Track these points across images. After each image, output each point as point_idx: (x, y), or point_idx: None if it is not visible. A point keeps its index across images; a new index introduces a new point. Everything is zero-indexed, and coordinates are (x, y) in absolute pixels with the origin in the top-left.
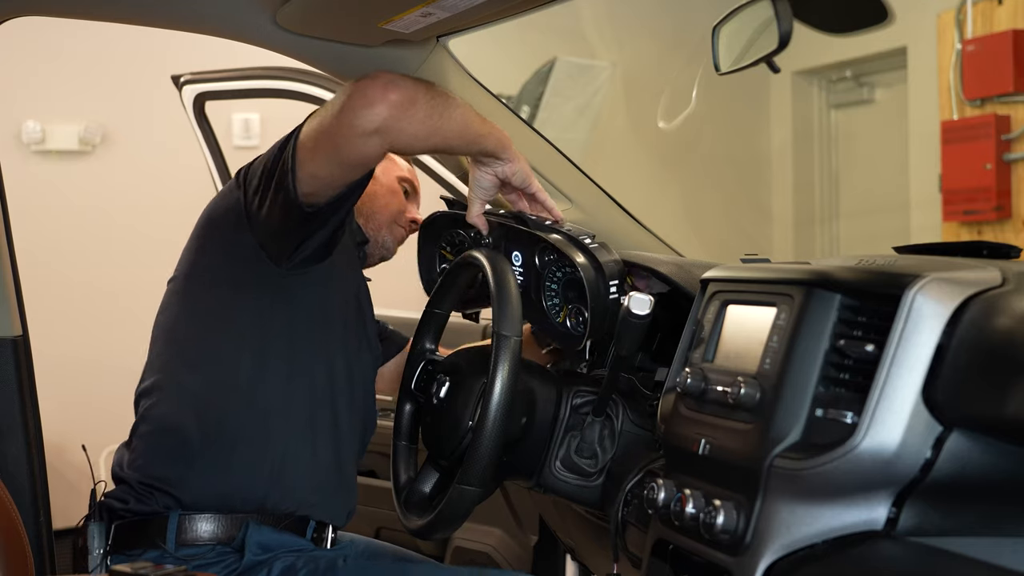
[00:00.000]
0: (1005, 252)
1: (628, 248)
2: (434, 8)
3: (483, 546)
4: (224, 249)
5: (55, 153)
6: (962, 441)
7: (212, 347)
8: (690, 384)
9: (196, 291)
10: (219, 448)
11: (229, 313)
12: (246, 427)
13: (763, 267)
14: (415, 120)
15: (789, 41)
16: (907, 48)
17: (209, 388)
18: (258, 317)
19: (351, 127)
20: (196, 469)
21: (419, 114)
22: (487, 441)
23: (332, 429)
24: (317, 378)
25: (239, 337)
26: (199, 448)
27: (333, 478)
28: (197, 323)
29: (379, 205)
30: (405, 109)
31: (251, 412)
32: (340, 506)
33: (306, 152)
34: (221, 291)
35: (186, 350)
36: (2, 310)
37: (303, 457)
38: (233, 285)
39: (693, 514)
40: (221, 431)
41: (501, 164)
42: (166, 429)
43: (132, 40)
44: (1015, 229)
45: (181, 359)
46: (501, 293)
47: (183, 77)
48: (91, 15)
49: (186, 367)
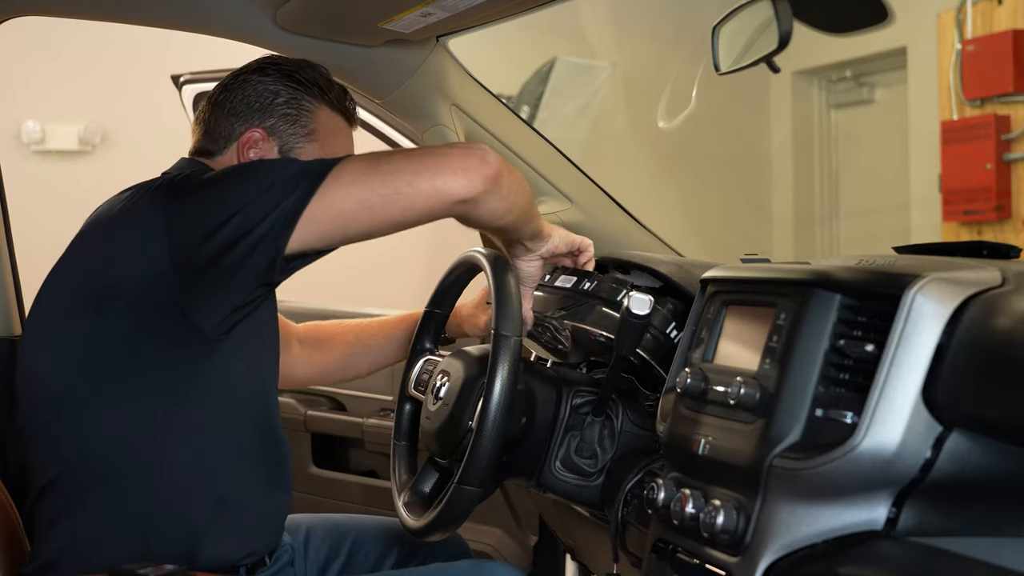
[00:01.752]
0: (1005, 252)
1: (628, 248)
2: (434, 8)
3: (483, 546)
4: (126, 313)
5: (55, 153)
6: (962, 441)
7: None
8: (690, 384)
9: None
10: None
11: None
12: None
13: (763, 267)
14: (499, 196)
15: (789, 41)
16: (907, 48)
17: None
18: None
19: (440, 194)
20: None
21: (502, 190)
22: (487, 441)
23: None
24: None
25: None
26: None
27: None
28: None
29: None
30: (495, 183)
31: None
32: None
33: (340, 212)
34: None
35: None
36: (2, 310)
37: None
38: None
39: (693, 514)
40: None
41: (543, 242)
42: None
43: (132, 40)
44: (1015, 229)
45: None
46: (501, 293)
47: (183, 77)
48: (91, 15)
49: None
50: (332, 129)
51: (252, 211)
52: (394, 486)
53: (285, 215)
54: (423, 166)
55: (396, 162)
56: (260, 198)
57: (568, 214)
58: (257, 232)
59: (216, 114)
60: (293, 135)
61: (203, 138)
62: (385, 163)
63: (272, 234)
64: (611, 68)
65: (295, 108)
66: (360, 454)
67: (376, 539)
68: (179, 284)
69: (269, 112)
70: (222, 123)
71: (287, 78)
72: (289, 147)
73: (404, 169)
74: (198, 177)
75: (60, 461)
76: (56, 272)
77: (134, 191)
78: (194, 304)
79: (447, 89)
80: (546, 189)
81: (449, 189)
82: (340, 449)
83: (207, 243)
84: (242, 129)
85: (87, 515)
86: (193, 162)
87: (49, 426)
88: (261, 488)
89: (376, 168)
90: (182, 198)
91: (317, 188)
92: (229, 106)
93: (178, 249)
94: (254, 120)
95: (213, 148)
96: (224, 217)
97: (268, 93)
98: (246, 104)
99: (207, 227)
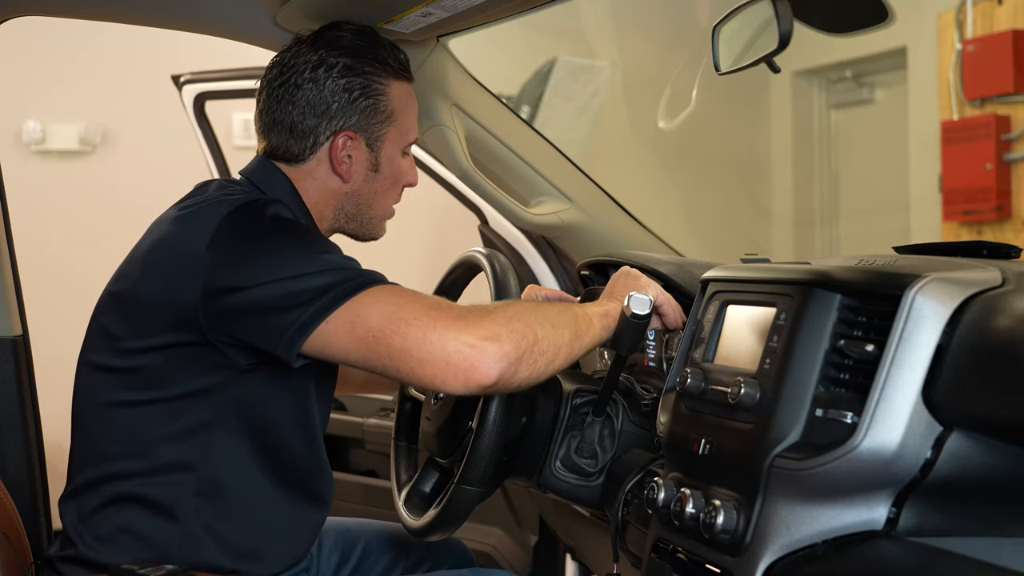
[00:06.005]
0: (1005, 252)
1: (628, 248)
2: (434, 8)
3: (483, 546)
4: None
5: (55, 153)
6: (962, 441)
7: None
8: (690, 384)
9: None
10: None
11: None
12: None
13: (763, 267)
14: (537, 358)
15: (789, 41)
16: (907, 48)
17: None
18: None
19: (459, 386)
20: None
21: (520, 375)
22: (487, 441)
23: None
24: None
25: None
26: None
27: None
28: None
29: (379, 204)
30: (522, 356)
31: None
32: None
33: (359, 353)
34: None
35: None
36: (2, 310)
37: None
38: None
39: (693, 514)
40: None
41: (619, 308)
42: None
43: (132, 40)
44: (1015, 229)
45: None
46: (501, 293)
47: (183, 77)
48: (91, 15)
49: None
50: (403, 99)
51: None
52: (394, 486)
53: (301, 323)
54: (428, 354)
55: (407, 333)
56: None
57: (568, 214)
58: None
59: (292, 114)
60: (376, 124)
61: (284, 140)
62: (394, 340)
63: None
64: (611, 68)
65: (372, 97)
66: (360, 454)
67: (385, 546)
68: (205, 315)
69: (350, 110)
70: (301, 124)
71: (353, 65)
72: (375, 138)
73: (410, 344)
74: (254, 229)
75: (114, 459)
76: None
77: (193, 208)
78: (219, 338)
79: (447, 89)
80: (546, 189)
81: (467, 385)
82: (340, 449)
83: (235, 296)
84: (327, 134)
85: (131, 512)
86: (268, 165)
87: (98, 425)
88: (301, 501)
89: (378, 341)
90: (233, 249)
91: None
92: (307, 107)
93: (211, 282)
94: (337, 122)
95: (298, 150)
96: (260, 290)
97: (342, 90)
98: (324, 105)
99: (240, 284)
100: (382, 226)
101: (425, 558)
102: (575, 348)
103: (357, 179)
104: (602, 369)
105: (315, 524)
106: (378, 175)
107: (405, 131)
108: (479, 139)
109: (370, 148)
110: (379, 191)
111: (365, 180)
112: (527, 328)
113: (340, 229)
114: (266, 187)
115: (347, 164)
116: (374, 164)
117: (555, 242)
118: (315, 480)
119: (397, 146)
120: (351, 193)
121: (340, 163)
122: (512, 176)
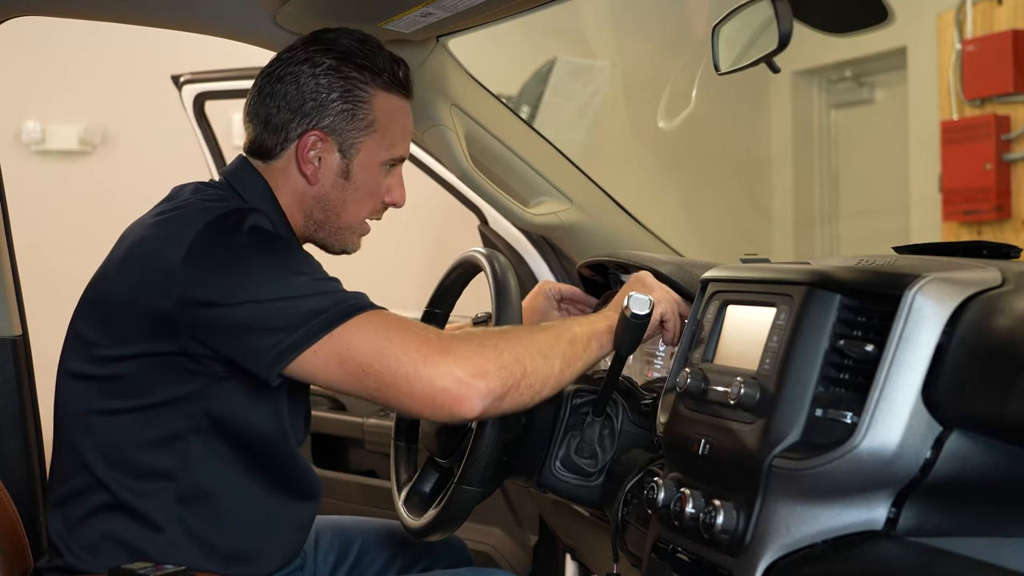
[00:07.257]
0: (1005, 252)
1: (628, 248)
2: (434, 8)
3: (483, 546)
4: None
5: (55, 153)
6: (962, 441)
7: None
8: (690, 384)
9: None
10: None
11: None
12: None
13: (763, 267)
14: (523, 391)
15: (789, 41)
16: (907, 48)
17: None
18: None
19: (445, 417)
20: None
21: (506, 403)
22: (487, 441)
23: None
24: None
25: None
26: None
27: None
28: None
29: (347, 214)
30: (508, 391)
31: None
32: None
33: (341, 378)
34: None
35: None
36: (2, 310)
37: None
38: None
39: (693, 514)
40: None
41: (620, 314)
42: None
43: (132, 40)
44: (1015, 229)
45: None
46: (501, 293)
47: (183, 77)
48: (91, 15)
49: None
50: (390, 113)
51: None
52: (394, 486)
53: (283, 348)
54: (417, 390)
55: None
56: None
57: (568, 214)
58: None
59: (268, 107)
60: (352, 131)
61: (259, 134)
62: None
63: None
64: (611, 68)
65: (351, 102)
66: (360, 454)
67: (382, 544)
68: (180, 326)
69: (324, 111)
70: (275, 118)
71: (339, 67)
72: (348, 144)
73: (400, 379)
74: (233, 242)
75: (94, 468)
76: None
77: (171, 214)
78: (194, 348)
79: (447, 89)
80: (546, 189)
81: (435, 419)
82: (340, 449)
83: (211, 310)
84: (298, 131)
85: (115, 521)
86: (245, 166)
87: (82, 432)
88: (287, 501)
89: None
90: (208, 260)
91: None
92: (282, 100)
93: (186, 295)
94: (309, 121)
95: (271, 145)
96: (236, 309)
97: (321, 89)
98: (299, 101)
99: (216, 300)
100: (354, 240)
101: (422, 556)
102: (564, 377)
103: (325, 183)
104: (602, 369)
105: (305, 520)
106: (348, 183)
107: (388, 144)
108: (479, 139)
109: (342, 154)
110: (349, 200)
111: (333, 186)
112: (516, 363)
113: (311, 238)
114: (244, 190)
115: (314, 166)
116: (344, 171)
117: (555, 242)
118: (299, 476)
119: (375, 158)
120: (318, 197)
121: (306, 163)
122: (512, 176)
